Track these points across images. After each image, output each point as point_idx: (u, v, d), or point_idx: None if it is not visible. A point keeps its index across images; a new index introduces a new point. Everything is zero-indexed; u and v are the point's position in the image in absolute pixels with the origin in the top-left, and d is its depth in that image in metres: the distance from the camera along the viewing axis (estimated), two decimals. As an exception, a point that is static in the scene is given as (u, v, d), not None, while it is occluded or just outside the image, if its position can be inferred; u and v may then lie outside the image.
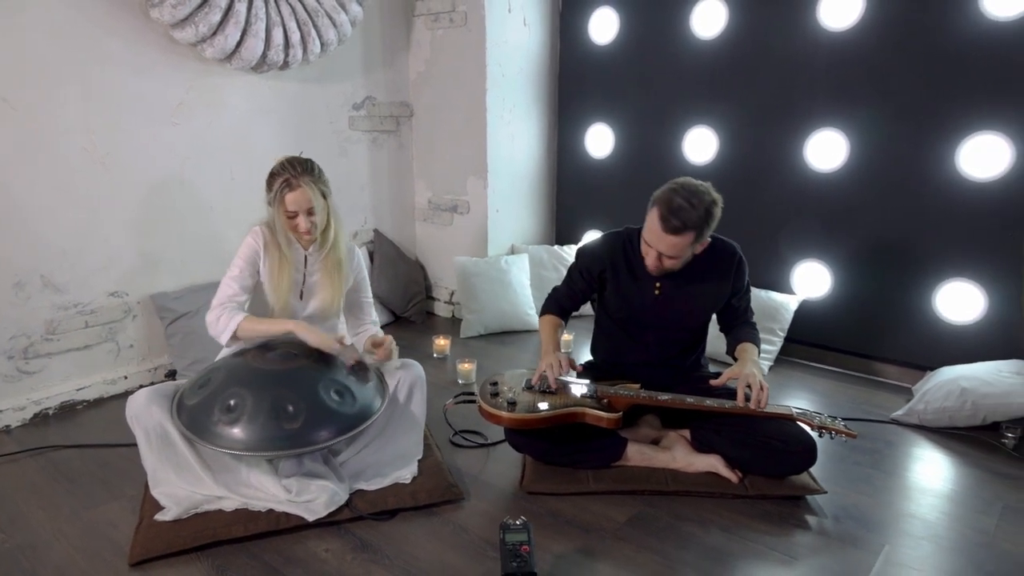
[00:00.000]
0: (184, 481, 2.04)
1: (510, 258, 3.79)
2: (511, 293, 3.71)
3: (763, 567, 1.84)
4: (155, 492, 2.04)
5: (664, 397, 2.20)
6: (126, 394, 2.91)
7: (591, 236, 4.02)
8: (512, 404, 2.15)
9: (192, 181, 3.06)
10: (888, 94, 2.91)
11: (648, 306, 2.33)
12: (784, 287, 3.33)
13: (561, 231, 4.19)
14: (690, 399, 2.19)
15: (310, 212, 2.12)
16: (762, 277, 3.33)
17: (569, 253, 3.95)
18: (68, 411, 2.77)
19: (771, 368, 3.22)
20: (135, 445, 2.44)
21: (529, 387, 2.25)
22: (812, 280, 3.27)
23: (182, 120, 2.98)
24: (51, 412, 2.74)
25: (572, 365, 2.26)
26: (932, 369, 2.92)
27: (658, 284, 2.30)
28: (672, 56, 3.49)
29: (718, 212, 2.10)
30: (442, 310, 4.06)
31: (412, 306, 3.88)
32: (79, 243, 2.76)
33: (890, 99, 2.91)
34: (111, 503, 2.13)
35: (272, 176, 2.12)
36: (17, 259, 2.61)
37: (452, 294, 4.00)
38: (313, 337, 2.11)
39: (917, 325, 3.01)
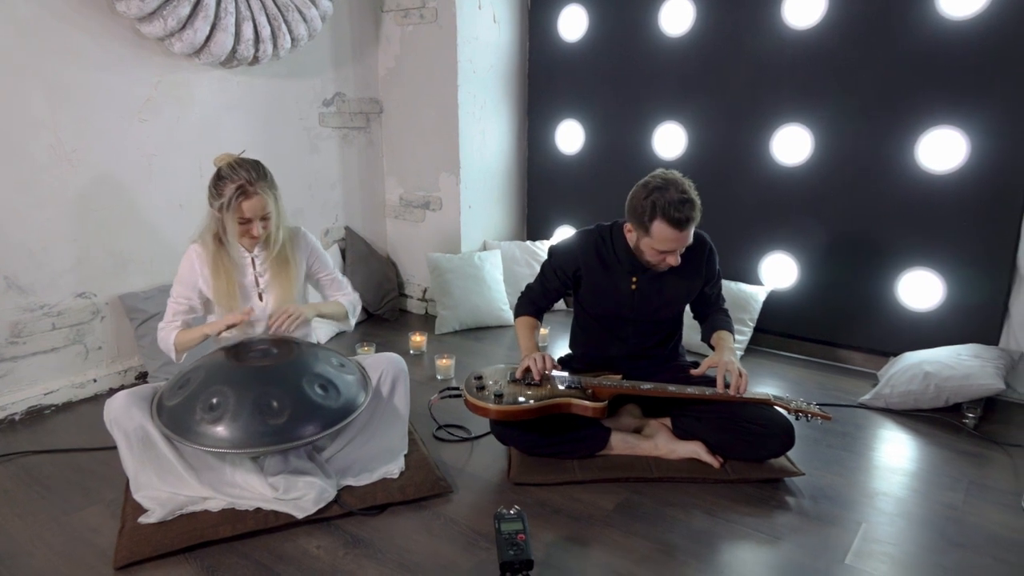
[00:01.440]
0: (167, 483, 2.01)
1: (483, 254, 3.80)
2: (485, 289, 3.73)
3: (748, 547, 1.90)
4: (137, 496, 2.00)
5: (646, 386, 2.25)
6: (96, 397, 2.86)
7: (563, 231, 4.06)
8: (499, 397, 2.17)
9: (161, 178, 3.00)
10: (851, 91, 3.01)
11: (625, 300, 2.37)
12: (753, 278, 3.42)
13: (532, 227, 4.22)
14: (672, 387, 2.24)
15: (264, 218, 2.09)
16: (731, 269, 3.41)
17: (541, 249, 3.98)
18: (36, 416, 2.69)
19: (741, 358, 3.30)
20: (110, 448, 2.40)
21: (514, 380, 2.28)
22: (780, 271, 3.37)
23: (150, 116, 2.92)
24: (18, 417, 2.66)
25: (552, 364, 2.29)
26: (895, 355, 3.04)
27: (634, 278, 2.35)
28: (641, 53, 3.55)
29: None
30: (415, 307, 4.05)
31: (385, 303, 3.87)
32: (45, 242, 2.68)
33: (853, 95, 3.01)
34: (90, 508, 2.09)
35: (221, 180, 2.04)
36: (-20, 260, 2.53)
37: (425, 291, 4.00)
38: (215, 327, 2.12)
39: (880, 313, 3.12)
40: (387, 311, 3.87)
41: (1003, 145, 2.73)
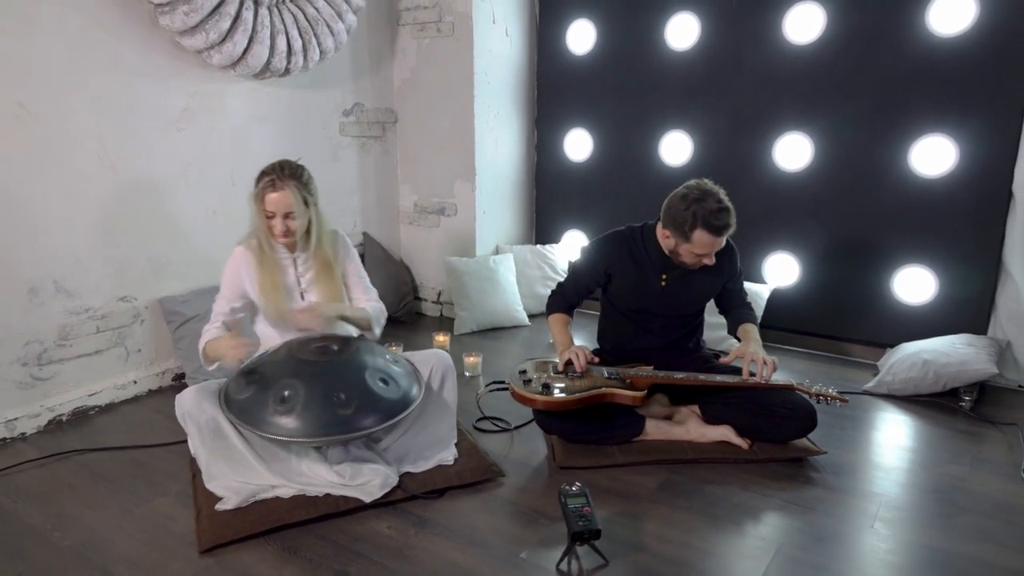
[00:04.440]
0: (237, 473, 2.11)
1: (497, 258, 3.95)
2: (500, 291, 3.88)
3: (786, 517, 2.08)
4: (210, 485, 2.10)
5: (680, 376, 2.42)
6: (136, 399, 2.95)
7: (572, 236, 4.23)
8: (546, 388, 2.33)
9: (196, 186, 3.09)
10: (848, 101, 3.25)
11: (655, 296, 2.54)
12: (757, 277, 3.63)
13: (541, 231, 4.39)
14: (702, 376, 2.42)
15: (288, 216, 2.19)
16: (736, 269, 3.62)
17: (552, 253, 4.15)
18: (81, 416, 2.76)
19: (748, 352, 3.50)
20: (164, 445, 2.52)
21: (557, 372, 2.43)
22: (783, 270, 3.58)
23: (187, 126, 3.02)
24: (64, 418, 2.73)
25: (590, 357, 2.45)
26: (892, 346, 3.26)
27: (664, 276, 2.52)
28: (648, 66, 3.74)
29: None
30: (430, 310, 4.19)
31: (403, 306, 3.99)
32: (90, 248, 2.76)
33: (850, 105, 3.25)
34: (159, 499, 2.18)
35: (261, 174, 2.21)
36: (31, 265, 2.60)
37: (439, 294, 4.13)
38: (228, 359, 2.15)
39: (878, 307, 3.35)
40: (404, 313, 4.00)
41: (989, 151, 2.98)
